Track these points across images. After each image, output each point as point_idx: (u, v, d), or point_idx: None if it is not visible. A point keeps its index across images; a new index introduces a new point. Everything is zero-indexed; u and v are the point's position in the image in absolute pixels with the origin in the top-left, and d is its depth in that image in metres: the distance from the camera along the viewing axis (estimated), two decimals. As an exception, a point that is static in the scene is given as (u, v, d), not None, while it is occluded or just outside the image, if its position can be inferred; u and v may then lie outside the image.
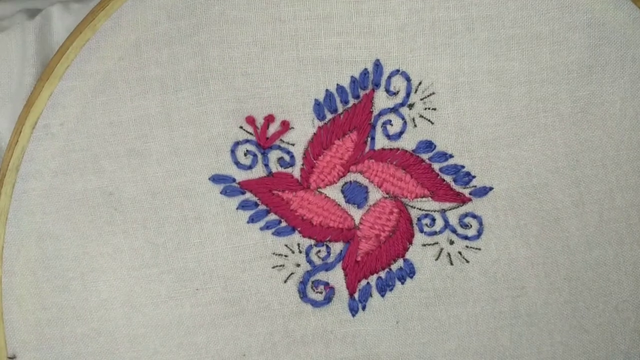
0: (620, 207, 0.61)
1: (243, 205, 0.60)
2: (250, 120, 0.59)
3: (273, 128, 0.59)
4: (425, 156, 0.60)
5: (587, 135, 0.60)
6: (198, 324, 0.62)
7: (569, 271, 0.62)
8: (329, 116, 0.59)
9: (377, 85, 0.59)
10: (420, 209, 0.61)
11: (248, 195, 0.60)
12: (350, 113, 0.59)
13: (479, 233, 0.61)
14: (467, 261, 0.62)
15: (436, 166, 0.60)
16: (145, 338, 0.62)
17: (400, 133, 0.60)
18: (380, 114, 0.59)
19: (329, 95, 0.59)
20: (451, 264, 0.62)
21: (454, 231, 0.61)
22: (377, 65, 0.58)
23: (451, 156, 0.60)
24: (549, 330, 0.63)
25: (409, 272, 0.62)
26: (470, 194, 0.61)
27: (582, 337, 0.63)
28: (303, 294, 0.62)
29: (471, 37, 0.58)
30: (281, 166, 0.60)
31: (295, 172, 0.60)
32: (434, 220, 0.61)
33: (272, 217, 0.61)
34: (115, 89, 0.59)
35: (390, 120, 0.60)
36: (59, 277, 0.60)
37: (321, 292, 0.62)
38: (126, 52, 0.58)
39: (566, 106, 0.59)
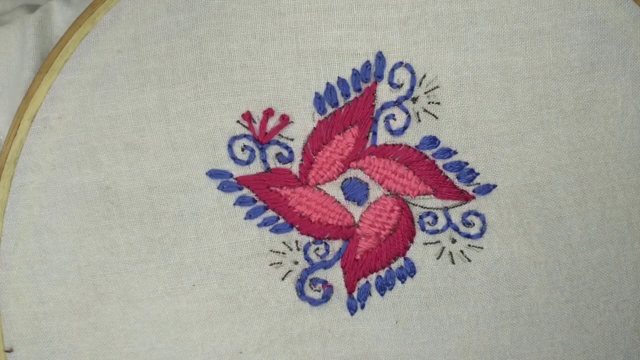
0: (622, 206, 0.61)
1: (240, 201, 0.60)
2: (247, 116, 0.59)
3: (272, 122, 0.59)
4: (428, 152, 0.60)
5: (590, 133, 0.60)
6: (194, 320, 0.62)
7: (570, 270, 0.62)
8: (329, 110, 0.59)
9: (379, 77, 0.58)
10: (422, 207, 0.61)
11: (246, 191, 0.60)
12: (351, 107, 0.59)
13: (482, 231, 0.61)
14: (469, 260, 0.62)
15: (440, 163, 0.60)
16: (141, 333, 0.62)
17: (404, 128, 0.59)
18: (382, 108, 0.59)
19: (329, 88, 0.58)
20: (453, 263, 0.62)
21: (456, 229, 0.61)
22: (380, 57, 0.58)
23: (455, 152, 0.60)
24: (550, 330, 0.62)
25: (409, 271, 0.62)
26: (473, 191, 0.60)
27: (583, 337, 0.63)
28: (301, 292, 0.62)
29: (475, 31, 0.58)
30: (280, 162, 0.60)
31: (294, 167, 0.60)
32: (436, 218, 0.61)
33: (270, 213, 0.60)
34: (114, 82, 0.58)
35: (393, 115, 0.59)
36: (56, 270, 0.60)
37: (319, 290, 0.62)
38: (125, 46, 0.58)
39: (569, 103, 0.59)
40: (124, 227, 0.60)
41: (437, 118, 0.59)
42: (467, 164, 0.60)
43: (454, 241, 0.61)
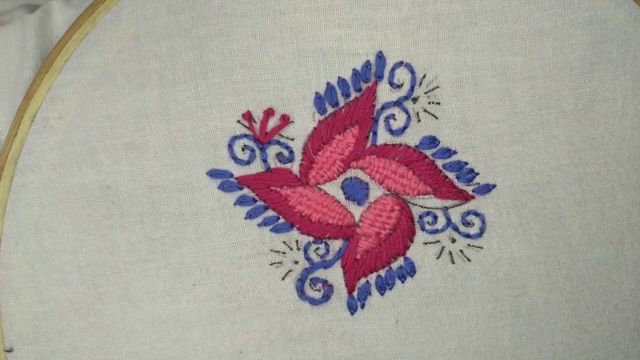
0: (622, 206, 0.61)
1: (241, 201, 0.60)
2: (247, 116, 0.59)
3: (272, 122, 0.59)
4: (428, 152, 0.60)
5: (589, 133, 0.60)
6: (195, 320, 0.62)
7: (570, 270, 0.62)
8: (330, 110, 0.59)
9: (380, 77, 0.58)
10: (422, 207, 0.61)
11: (246, 191, 0.60)
12: (351, 107, 0.59)
13: (481, 231, 0.61)
14: (469, 260, 0.62)
15: (439, 162, 0.60)
16: (141, 333, 0.62)
17: (404, 128, 0.59)
18: (383, 108, 0.59)
19: (330, 88, 0.58)
20: (452, 262, 0.62)
21: (456, 229, 0.61)
22: (380, 57, 0.58)
23: (455, 152, 0.60)
24: (550, 330, 0.62)
25: (409, 270, 0.62)
26: (473, 191, 0.60)
27: (582, 337, 0.63)
28: (301, 292, 0.62)
29: (475, 31, 0.58)
30: (280, 161, 0.60)
31: (294, 167, 0.60)
32: (435, 218, 0.61)
33: (270, 213, 0.60)
34: (114, 82, 0.58)
35: (393, 115, 0.59)
36: (56, 270, 0.60)
37: (319, 290, 0.62)
38: (125, 45, 0.58)
39: (569, 103, 0.59)
40: (125, 226, 0.60)
41: (436, 118, 0.59)
42: (466, 163, 0.60)
43: (453, 241, 0.61)
